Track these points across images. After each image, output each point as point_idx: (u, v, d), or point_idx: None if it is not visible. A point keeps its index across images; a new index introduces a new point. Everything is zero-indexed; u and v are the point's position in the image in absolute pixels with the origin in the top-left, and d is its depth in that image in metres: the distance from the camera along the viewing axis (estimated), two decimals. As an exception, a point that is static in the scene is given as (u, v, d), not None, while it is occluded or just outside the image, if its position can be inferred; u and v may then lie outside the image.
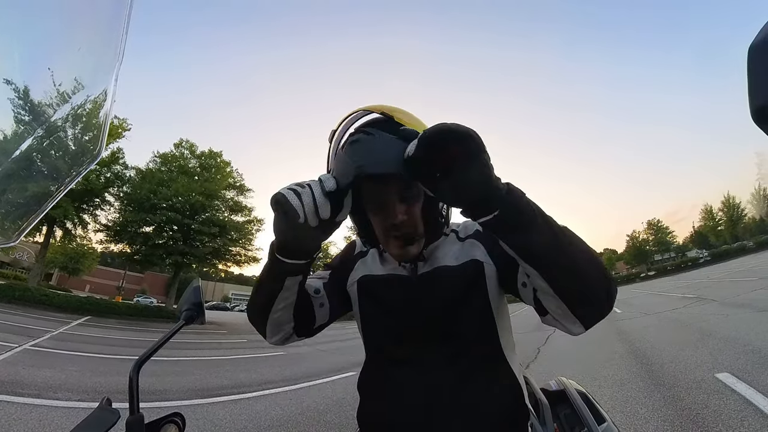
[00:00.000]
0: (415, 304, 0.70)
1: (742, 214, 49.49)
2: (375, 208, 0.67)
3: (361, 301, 0.78)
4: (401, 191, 0.65)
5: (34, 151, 0.43)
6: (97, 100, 0.47)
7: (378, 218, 0.68)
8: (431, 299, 0.69)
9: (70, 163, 0.48)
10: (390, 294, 0.73)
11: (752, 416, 2.44)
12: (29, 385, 3.78)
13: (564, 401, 0.99)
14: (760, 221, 49.49)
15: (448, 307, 0.68)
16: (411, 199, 0.66)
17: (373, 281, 0.76)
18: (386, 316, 0.73)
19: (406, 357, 0.70)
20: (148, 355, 0.56)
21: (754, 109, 0.25)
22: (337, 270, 0.83)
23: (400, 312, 0.71)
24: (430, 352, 0.69)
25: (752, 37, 0.26)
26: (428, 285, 0.70)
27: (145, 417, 0.51)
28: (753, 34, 0.27)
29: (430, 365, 0.68)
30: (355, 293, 0.78)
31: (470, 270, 0.70)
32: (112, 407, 0.49)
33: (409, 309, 0.71)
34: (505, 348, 0.70)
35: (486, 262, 0.70)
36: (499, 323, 0.70)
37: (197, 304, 0.70)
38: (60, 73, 0.41)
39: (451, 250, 0.73)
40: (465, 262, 0.71)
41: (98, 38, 0.46)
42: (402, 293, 0.72)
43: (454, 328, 0.68)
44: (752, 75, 0.26)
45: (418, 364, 0.69)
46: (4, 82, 0.39)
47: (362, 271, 0.79)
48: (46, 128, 0.43)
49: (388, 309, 0.73)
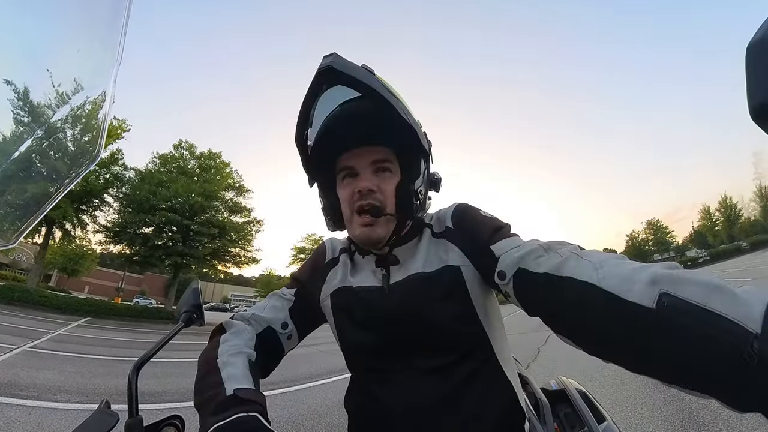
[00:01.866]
0: (392, 318, 0.64)
1: (738, 215, 49.68)
2: (346, 177, 0.65)
3: (336, 317, 0.71)
4: (377, 162, 0.64)
5: (33, 152, 0.43)
6: (96, 101, 0.47)
7: (346, 190, 0.65)
8: (407, 311, 0.63)
9: (69, 164, 0.47)
10: (364, 308, 0.67)
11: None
12: (28, 386, 3.77)
13: (564, 401, 0.99)
14: (755, 221, 49.69)
15: (428, 318, 0.62)
16: (385, 173, 0.65)
17: (346, 295, 0.70)
18: (364, 332, 0.67)
19: (391, 375, 0.64)
20: (147, 357, 0.55)
21: (752, 107, 0.25)
22: (306, 285, 0.76)
23: (377, 327, 0.65)
24: (416, 367, 0.62)
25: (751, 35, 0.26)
26: (403, 295, 0.64)
27: (144, 419, 0.50)
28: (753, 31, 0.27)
29: (417, 382, 0.62)
30: (329, 308, 0.72)
31: (447, 276, 0.63)
32: (111, 410, 0.49)
33: (386, 323, 0.64)
34: (498, 353, 0.64)
35: (463, 265, 0.64)
36: (488, 327, 0.64)
37: (196, 306, 0.70)
38: (59, 74, 0.41)
39: (426, 253, 0.67)
40: (440, 268, 0.64)
41: (97, 39, 0.46)
42: (377, 306, 0.65)
43: (437, 339, 0.62)
44: (750, 73, 0.26)
45: (404, 381, 0.63)
46: (4, 82, 0.39)
47: (334, 283, 0.72)
48: (45, 129, 0.43)
49: (364, 325, 0.67)
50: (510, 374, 0.65)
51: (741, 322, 0.31)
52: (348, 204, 0.65)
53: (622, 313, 0.39)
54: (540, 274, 0.50)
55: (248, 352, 0.61)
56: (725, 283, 0.35)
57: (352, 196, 0.64)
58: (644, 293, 0.38)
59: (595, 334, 0.43)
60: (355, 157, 0.65)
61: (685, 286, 0.36)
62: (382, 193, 0.64)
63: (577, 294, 0.44)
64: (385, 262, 0.69)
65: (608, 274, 0.43)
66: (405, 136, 0.64)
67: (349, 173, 0.66)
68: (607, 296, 0.41)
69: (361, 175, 0.64)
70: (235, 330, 0.66)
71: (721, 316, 0.32)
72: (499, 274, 0.57)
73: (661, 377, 0.37)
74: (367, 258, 0.72)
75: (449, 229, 0.69)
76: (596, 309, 0.42)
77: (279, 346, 0.71)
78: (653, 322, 0.36)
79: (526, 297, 0.53)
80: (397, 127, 0.63)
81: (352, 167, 0.65)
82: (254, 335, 0.67)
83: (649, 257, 56.89)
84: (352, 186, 0.64)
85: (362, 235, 0.64)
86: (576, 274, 0.46)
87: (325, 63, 0.56)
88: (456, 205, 0.73)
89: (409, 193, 0.65)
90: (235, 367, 0.55)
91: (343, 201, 0.66)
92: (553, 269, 0.49)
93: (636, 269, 0.41)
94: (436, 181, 0.73)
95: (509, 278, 0.55)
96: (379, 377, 0.66)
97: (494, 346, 0.64)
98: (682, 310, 0.35)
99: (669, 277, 0.38)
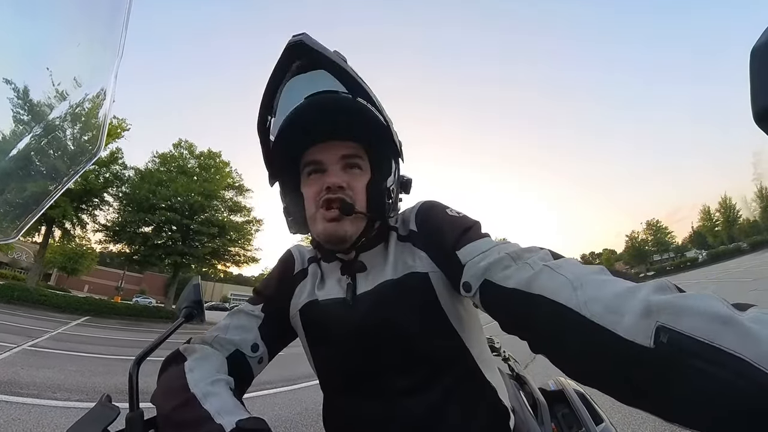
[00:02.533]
0: (358, 333, 0.59)
1: (738, 216, 49.75)
2: (312, 173, 0.60)
3: (307, 334, 0.66)
4: (346, 157, 0.59)
5: (34, 147, 0.44)
6: (97, 96, 0.47)
7: (313, 187, 0.59)
8: (375, 324, 0.58)
9: (71, 159, 0.48)
10: (333, 323, 0.61)
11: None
12: (28, 385, 3.77)
13: (562, 401, 0.99)
14: (754, 222, 49.76)
15: (399, 332, 0.57)
16: (354, 169, 0.60)
17: (315, 309, 0.64)
18: (331, 350, 0.63)
19: (367, 392, 0.60)
20: (148, 351, 0.56)
21: (756, 111, 0.25)
22: (274, 300, 0.68)
23: (344, 344, 0.60)
24: (391, 388, 0.58)
25: (755, 37, 0.27)
26: (371, 307, 0.59)
27: (144, 414, 0.51)
28: (756, 32, 0.27)
29: (394, 405, 0.57)
30: (299, 324, 0.66)
31: (414, 285, 0.58)
32: (111, 404, 0.49)
33: (352, 339, 0.59)
34: (477, 358, 0.60)
35: (431, 271, 0.58)
36: (465, 336, 0.59)
37: (197, 302, 0.70)
38: (60, 69, 0.41)
39: (394, 259, 0.62)
40: (406, 275, 0.59)
41: (98, 34, 0.46)
42: (341, 321, 0.60)
43: (410, 355, 0.58)
44: (755, 77, 0.26)
45: (381, 399, 0.58)
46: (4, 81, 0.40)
47: (303, 297, 0.66)
48: (47, 124, 0.43)
49: (330, 342, 0.62)
50: (490, 375, 0.61)
51: (758, 364, 0.26)
52: (314, 201, 0.59)
53: (612, 350, 0.33)
54: (509, 290, 0.45)
55: (226, 379, 0.54)
56: (731, 311, 0.29)
57: (319, 193, 0.58)
58: (638, 327, 0.32)
59: (579, 365, 0.38)
60: (323, 151, 0.60)
61: (685, 317, 0.30)
62: (352, 191, 0.59)
63: (554, 318, 0.39)
64: (351, 269, 0.63)
65: (590, 298, 0.37)
66: (377, 132, 0.60)
67: (315, 168, 0.60)
68: (591, 327, 0.35)
69: (329, 170, 0.59)
70: (200, 356, 0.57)
71: (734, 356, 0.27)
72: (464, 286, 0.51)
73: (662, 417, 0.32)
74: (332, 265, 0.67)
75: (413, 232, 0.63)
76: (580, 341, 0.36)
77: (249, 372, 0.64)
78: (652, 363, 0.31)
79: (495, 313, 0.48)
80: (371, 121, 0.59)
81: (319, 162, 0.60)
82: (224, 360, 0.60)
83: (649, 257, 56.99)
84: (320, 182, 0.59)
85: (326, 231, 0.58)
86: (550, 292, 0.40)
87: (296, 39, 0.51)
88: (420, 204, 0.66)
89: (380, 191, 0.60)
90: (220, 397, 0.49)
91: (308, 199, 0.60)
92: (522, 284, 0.44)
93: (622, 293, 0.35)
94: (406, 183, 0.69)
95: (475, 290, 0.50)
96: (353, 401, 0.61)
97: (473, 352, 0.60)
98: (687, 349, 0.29)
99: (665, 305, 0.32)
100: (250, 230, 22.00)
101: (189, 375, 0.52)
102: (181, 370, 0.54)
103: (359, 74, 0.57)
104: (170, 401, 0.49)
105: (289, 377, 5.17)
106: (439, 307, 0.58)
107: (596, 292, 0.37)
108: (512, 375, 1.15)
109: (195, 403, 0.47)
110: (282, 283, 0.70)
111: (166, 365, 0.58)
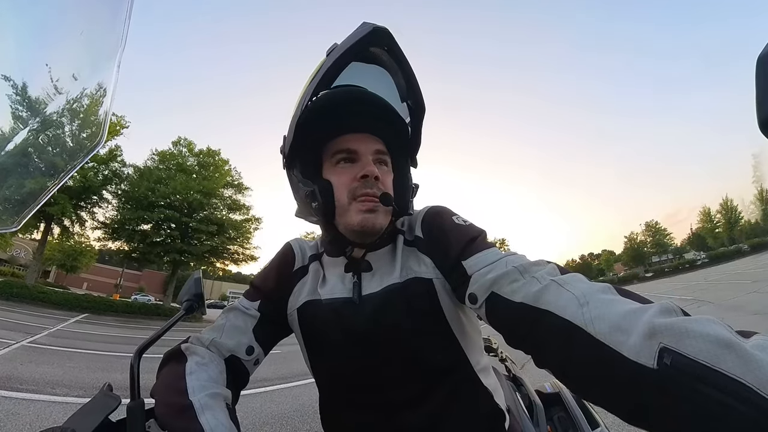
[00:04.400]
0: (362, 336, 0.58)
1: (739, 217, 49.80)
2: (342, 160, 0.60)
3: (305, 334, 0.65)
4: (379, 153, 0.61)
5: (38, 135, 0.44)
6: (99, 86, 0.47)
7: (345, 175, 0.59)
8: (381, 328, 0.58)
9: (74, 148, 0.48)
10: (336, 323, 0.60)
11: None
12: (27, 380, 3.77)
13: (558, 404, 0.99)
14: (755, 224, 49.85)
15: (403, 335, 0.57)
16: (383, 165, 0.62)
17: (316, 309, 0.63)
18: (332, 353, 0.62)
19: (368, 399, 0.59)
20: (149, 343, 0.56)
21: (761, 119, 0.25)
22: (271, 297, 0.67)
23: (346, 347, 0.60)
24: (392, 396, 0.58)
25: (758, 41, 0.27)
26: (377, 310, 0.58)
27: (145, 403, 0.51)
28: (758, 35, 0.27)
29: (394, 414, 0.57)
30: (296, 323, 0.65)
31: (417, 289, 0.58)
32: (112, 393, 0.49)
33: (358, 340, 0.59)
34: (476, 365, 0.60)
35: (435, 278, 0.58)
36: (466, 345, 0.59)
37: (198, 295, 0.70)
38: (62, 57, 0.41)
39: (402, 262, 0.61)
40: (409, 279, 0.59)
41: (100, 23, 0.46)
42: (345, 322, 0.59)
43: (412, 360, 0.58)
44: (760, 85, 0.26)
45: (380, 412, 0.58)
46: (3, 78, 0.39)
47: (302, 296, 0.65)
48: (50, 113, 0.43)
49: (335, 341, 0.61)
50: (487, 380, 0.61)
51: (760, 390, 0.26)
52: (347, 189, 0.58)
53: (615, 368, 0.34)
54: (516, 304, 0.45)
55: (224, 395, 0.54)
56: (734, 336, 0.30)
57: (352, 182, 0.58)
58: (641, 348, 0.32)
59: (583, 381, 0.39)
60: (359, 141, 0.60)
61: (689, 340, 0.30)
62: (383, 185, 0.59)
63: (561, 334, 0.40)
64: (357, 268, 0.62)
65: (596, 316, 0.37)
66: (402, 136, 0.64)
67: (346, 157, 0.60)
68: (597, 345, 0.36)
69: (363, 161, 0.59)
70: (201, 361, 0.57)
71: (735, 380, 0.27)
72: (470, 297, 0.51)
73: None
74: (335, 262, 0.66)
75: (419, 238, 0.62)
76: (585, 358, 0.37)
77: (244, 375, 0.63)
78: (654, 384, 0.31)
79: (502, 326, 0.48)
80: (404, 134, 0.64)
81: (354, 151, 0.59)
82: (223, 368, 0.59)
83: (647, 259, 57.08)
84: (352, 171, 0.58)
85: (364, 221, 0.57)
86: (558, 308, 0.41)
87: (381, 27, 0.51)
88: (427, 209, 0.66)
89: (406, 188, 0.63)
90: (216, 416, 0.48)
91: (339, 186, 0.59)
92: (530, 299, 0.44)
93: (628, 313, 0.36)
94: (415, 188, 0.69)
95: (481, 303, 0.49)
96: (355, 403, 0.61)
97: (471, 360, 0.60)
98: (689, 372, 0.29)
99: (669, 327, 0.32)
100: (249, 228, 22.01)
101: (189, 378, 0.53)
102: (181, 371, 0.55)
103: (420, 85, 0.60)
104: (169, 401, 0.50)
105: (287, 374, 5.18)
106: (441, 314, 0.58)
107: (602, 311, 0.37)
108: (509, 376, 1.15)
109: (192, 414, 0.47)
110: (280, 279, 0.69)
111: (167, 360, 0.59)
